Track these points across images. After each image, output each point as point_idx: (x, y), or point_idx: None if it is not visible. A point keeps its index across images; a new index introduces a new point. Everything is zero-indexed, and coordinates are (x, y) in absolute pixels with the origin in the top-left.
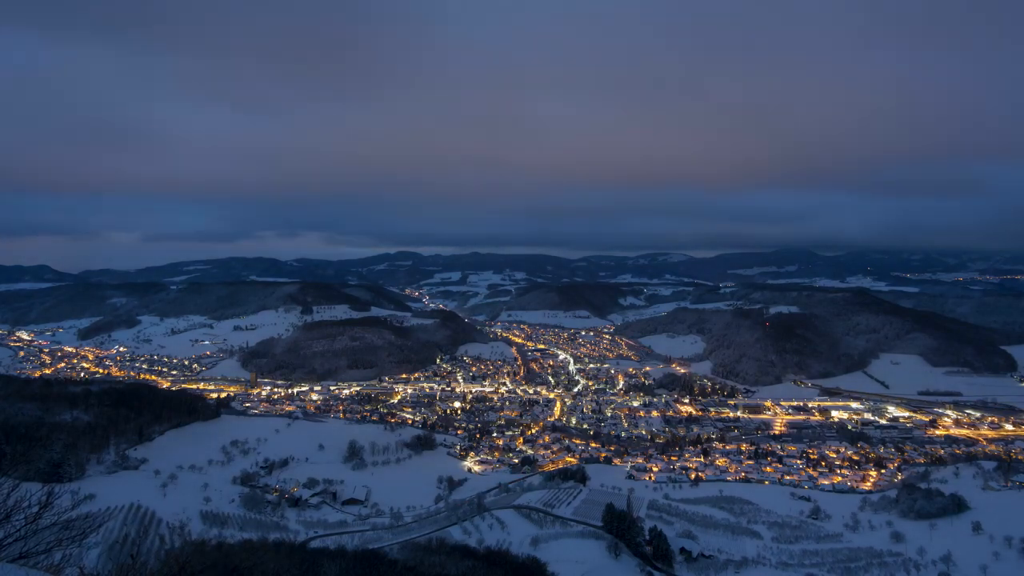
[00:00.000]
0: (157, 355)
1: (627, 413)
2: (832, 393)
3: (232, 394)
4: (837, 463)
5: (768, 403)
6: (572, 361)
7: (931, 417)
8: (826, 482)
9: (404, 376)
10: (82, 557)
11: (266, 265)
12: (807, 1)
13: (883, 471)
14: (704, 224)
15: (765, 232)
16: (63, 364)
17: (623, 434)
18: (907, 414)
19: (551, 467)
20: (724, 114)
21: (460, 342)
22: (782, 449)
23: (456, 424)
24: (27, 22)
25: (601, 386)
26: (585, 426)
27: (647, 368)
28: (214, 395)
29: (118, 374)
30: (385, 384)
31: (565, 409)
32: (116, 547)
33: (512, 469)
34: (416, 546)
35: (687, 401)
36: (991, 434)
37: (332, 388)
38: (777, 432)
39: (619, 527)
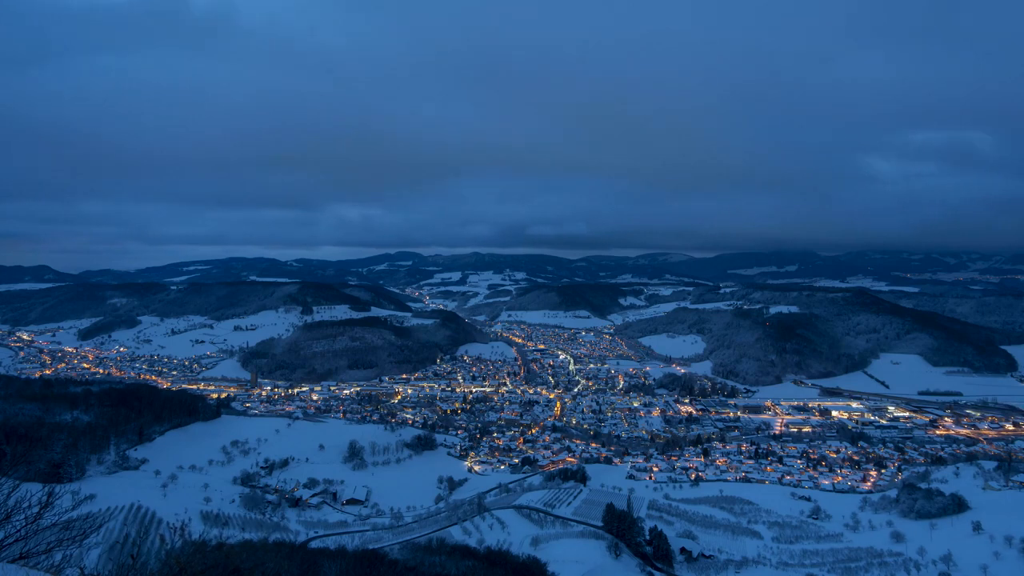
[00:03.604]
0: (157, 355)
1: (627, 413)
2: (832, 393)
3: (232, 394)
4: (837, 463)
5: (768, 403)
6: (572, 361)
7: (931, 417)
8: (826, 482)
9: (404, 376)
10: (82, 557)
11: (266, 265)
12: None
13: (883, 471)
14: None
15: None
16: (63, 364)
17: (623, 434)
18: (907, 414)
19: (551, 467)
20: None
21: (460, 342)
22: (782, 449)
23: (456, 424)
24: None
25: (601, 386)
26: (585, 426)
27: (647, 368)
28: (214, 395)
29: (118, 374)
30: (385, 384)
31: (565, 409)
32: (116, 547)
33: (512, 469)
34: (416, 546)
35: (687, 401)
36: (991, 434)
37: (332, 388)
38: (777, 432)
39: (619, 527)
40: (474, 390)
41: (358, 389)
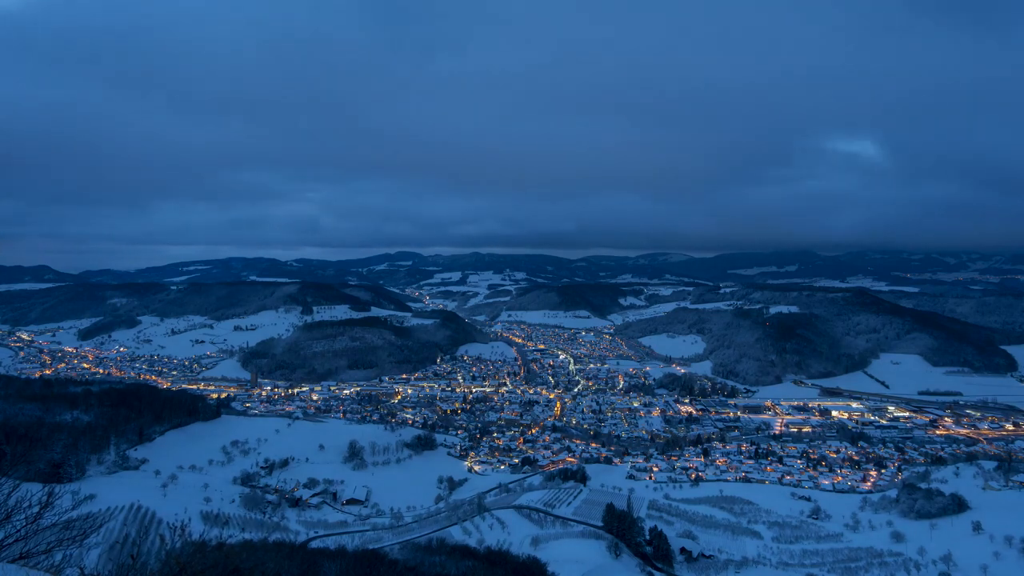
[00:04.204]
0: (157, 355)
1: (627, 413)
2: (832, 393)
3: (232, 394)
4: (837, 463)
5: (768, 403)
6: (572, 361)
7: (931, 417)
8: (826, 482)
9: (404, 376)
10: (82, 557)
11: (266, 265)
12: None
13: (883, 471)
14: None
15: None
16: (63, 364)
17: (623, 434)
18: (907, 414)
19: (551, 467)
20: None
21: (460, 342)
22: (782, 449)
23: (456, 424)
24: None
25: (601, 386)
26: (585, 426)
27: (647, 368)
28: (214, 395)
29: (118, 374)
30: (385, 384)
31: (565, 409)
32: (116, 547)
33: (512, 469)
34: (416, 546)
35: (687, 401)
36: (991, 434)
37: (332, 388)
38: (777, 432)
39: (619, 527)
40: (474, 390)
41: (358, 389)
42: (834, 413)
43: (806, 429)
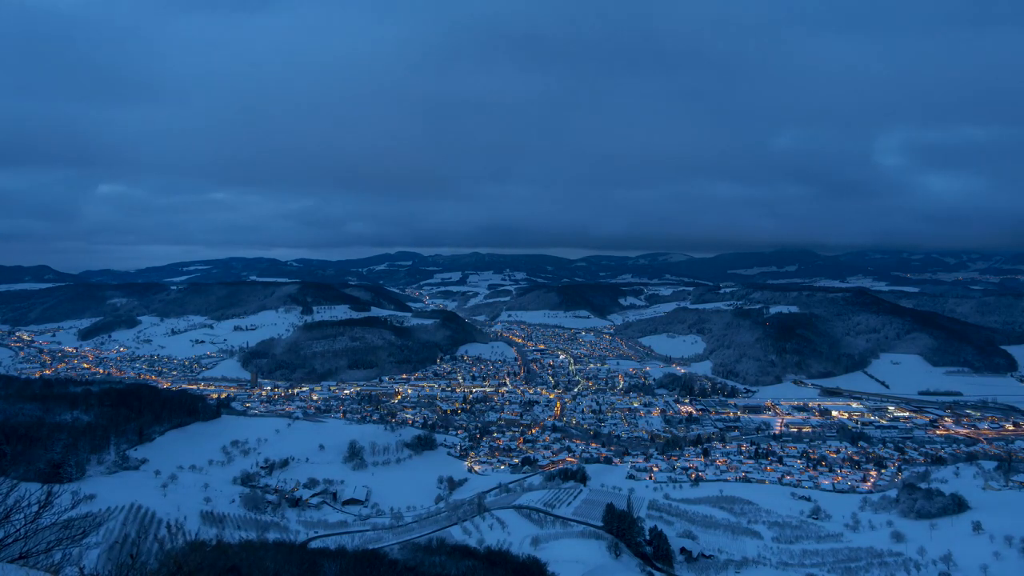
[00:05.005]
0: (157, 355)
1: (627, 413)
2: (832, 393)
3: (232, 394)
4: (837, 463)
5: (768, 403)
6: (572, 361)
7: (931, 417)
8: (826, 482)
9: (404, 376)
10: (82, 557)
11: (266, 265)
12: None
13: (883, 471)
14: None
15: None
16: (63, 364)
17: (623, 434)
18: (907, 414)
19: (551, 467)
20: None
21: (460, 342)
22: (782, 449)
23: (456, 424)
24: None
25: (601, 386)
26: (585, 426)
27: (647, 368)
28: (214, 395)
29: (118, 374)
30: (385, 384)
31: (565, 409)
32: (116, 547)
33: (512, 469)
34: (416, 546)
35: (687, 401)
36: (991, 434)
37: (332, 388)
38: (777, 432)
39: (619, 527)
40: (474, 390)
41: (358, 389)
42: (834, 413)
43: (806, 429)
